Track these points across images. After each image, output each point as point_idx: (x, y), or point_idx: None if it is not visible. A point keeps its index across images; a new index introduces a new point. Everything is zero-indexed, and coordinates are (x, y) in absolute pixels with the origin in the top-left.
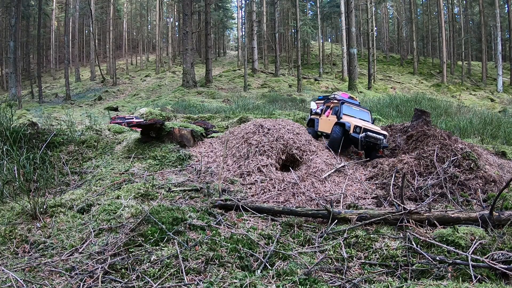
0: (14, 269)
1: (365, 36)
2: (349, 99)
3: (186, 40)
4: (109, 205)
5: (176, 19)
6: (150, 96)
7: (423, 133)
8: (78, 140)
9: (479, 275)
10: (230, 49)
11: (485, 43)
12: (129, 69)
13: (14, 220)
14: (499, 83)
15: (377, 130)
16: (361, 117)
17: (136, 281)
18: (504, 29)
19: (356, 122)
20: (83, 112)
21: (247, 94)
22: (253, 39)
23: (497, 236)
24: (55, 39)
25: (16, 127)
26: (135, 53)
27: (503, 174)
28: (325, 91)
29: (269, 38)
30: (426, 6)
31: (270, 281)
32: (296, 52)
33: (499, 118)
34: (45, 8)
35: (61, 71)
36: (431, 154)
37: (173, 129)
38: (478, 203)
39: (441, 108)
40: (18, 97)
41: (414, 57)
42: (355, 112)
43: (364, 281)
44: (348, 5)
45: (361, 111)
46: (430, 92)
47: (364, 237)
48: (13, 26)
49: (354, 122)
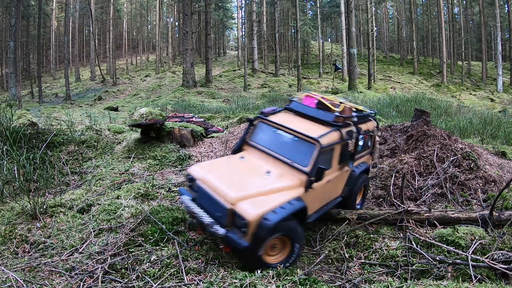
0: (14, 269)
1: (365, 36)
2: (304, 107)
3: (186, 40)
4: (109, 205)
5: (176, 19)
6: (150, 96)
7: (423, 133)
8: (78, 140)
9: (479, 275)
10: (230, 49)
11: (485, 43)
12: (129, 69)
13: (14, 220)
14: (499, 83)
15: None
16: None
17: (136, 281)
18: (504, 29)
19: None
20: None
21: (247, 94)
22: (253, 39)
23: (497, 236)
24: (55, 39)
25: (16, 127)
26: (135, 53)
27: (503, 174)
28: (325, 91)
29: (269, 38)
30: (426, 6)
31: (270, 281)
32: (296, 52)
33: (499, 118)
34: (45, 8)
35: (61, 71)
36: (431, 154)
37: (173, 129)
38: (478, 203)
39: (441, 108)
40: (18, 97)
41: (414, 57)
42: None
43: (364, 281)
44: (348, 5)
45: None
46: (430, 92)
47: (364, 237)
48: (13, 26)
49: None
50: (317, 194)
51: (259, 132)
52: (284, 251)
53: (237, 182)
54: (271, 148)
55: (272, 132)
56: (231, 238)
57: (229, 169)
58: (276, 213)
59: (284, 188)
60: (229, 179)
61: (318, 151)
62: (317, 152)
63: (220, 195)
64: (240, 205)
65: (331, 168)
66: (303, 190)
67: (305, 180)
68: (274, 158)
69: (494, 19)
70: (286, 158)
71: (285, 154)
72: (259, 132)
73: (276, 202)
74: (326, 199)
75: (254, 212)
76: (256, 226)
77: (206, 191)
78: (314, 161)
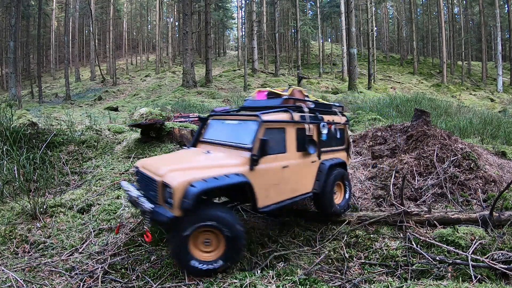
0: (14, 269)
1: (365, 36)
2: (255, 102)
3: (186, 40)
4: (109, 205)
5: (176, 19)
6: (150, 96)
7: (423, 133)
8: (78, 140)
9: (479, 275)
10: (230, 49)
11: (485, 43)
12: (129, 69)
13: (14, 220)
14: (499, 83)
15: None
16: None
17: (136, 281)
18: (504, 29)
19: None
20: (83, 112)
21: (247, 94)
22: (253, 39)
23: (497, 236)
24: (55, 39)
25: (16, 127)
26: (135, 53)
27: (503, 174)
28: (325, 91)
29: (269, 38)
30: (426, 6)
31: (270, 281)
32: (296, 52)
33: (499, 118)
34: (45, 8)
35: (61, 71)
36: (431, 154)
37: (173, 129)
38: (478, 203)
39: (441, 108)
40: (18, 97)
41: (414, 57)
42: (224, 135)
43: (364, 281)
44: (348, 5)
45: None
46: (430, 92)
47: (364, 237)
48: (13, 26)
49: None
50: (271, 178)
51: (209, 129)
52: (218, 250)
53: (173, 162)
54: (220, 139)
55: (220, 124)
56: (157, 212)
57: (171, 156)
58: (206, 181)
59: (224, 165)
60: (167, 161)
61: (260, 127)
62: (259, 128)
63: (153, 172)
64: (169, 174)
65: (286, 152)
66: (247, 168)
67: (249, 157)
68: (222, 145)
69: (494, 19)
70: (233, 142)
71: (232, 140)
72: (209, 128)
73: (210, 173)
74: (288, 190)
75: (180, 179)
76: (182, 194)
77: (144, 173)
78: (257, 137)
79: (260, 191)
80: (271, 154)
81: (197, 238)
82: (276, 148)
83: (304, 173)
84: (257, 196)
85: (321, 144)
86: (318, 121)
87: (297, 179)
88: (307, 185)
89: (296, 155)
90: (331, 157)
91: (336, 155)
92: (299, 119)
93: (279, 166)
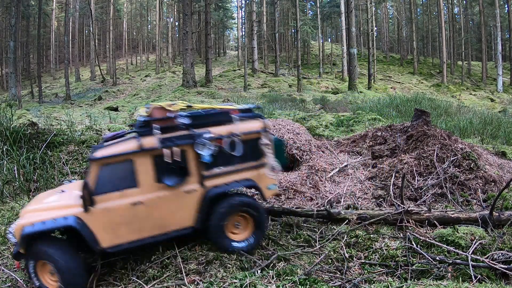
0: (14, 269)
1: (365, 36)
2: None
3: (186, 40)
4: None
5: (176, 19)
6: (150, 96)
7: (423, 133)
8: (78, 140)
9: (479, 275)
10: (230, 49)
11: (485, 43)
12: (129, 69)
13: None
14: (499, 83)
15: None
16: None
17: (136, 281)
18: (504, 29)
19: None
20: (83, 112)
21: (247, 94)
22: (253, 39)
23: (497, 236)
24: (55, 39)
25: (16, 127)
26: (135, 53)
27: (503, 174)
28: (325, 91)
29: (269, 38)
30: (426, 6)
31: (270, 281)
32: (296, 52)
33: (499, 118)
34: (45, 8)
35: (61, 71)
36: (431, 154)
37: None
38: (478, 203)
39: (441, 108)
40: (18, 97)
41: (414, 57)
42: None
43: (364, 281)
44: (348, 5)
45: None
46: (430, 92)
47: (364, 237)
48: (13, 26)
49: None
50: (117, 217)
51: None
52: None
53: (34, 202)
54: None
55: None
56: (15, 246)
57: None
58: (33, 226)
59: (64, 206)
60: (35, 200)
61: (93, 167)
62: (92, 168)
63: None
64: (21, 216)
65: (137, 186)
66: (81, 210)
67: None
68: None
69: (494, 19)
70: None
71: None
72: None
73: (42, 217)
74: (149, 227)
75: (18, 222)
76: (19, 236)
77: None
78: (90, 179)
79: (102, 232)
80: (113, 191)
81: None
82: (121, 183)
83: (175, 206)
84: (98, 237)
85: (204, 166)
86: (190, 140)
87: (162, 214)
88: (183, 219)
89: (156, 187)
90: (228, 180)
91: (239, 176)
92: (153, 145)
93: (127, 203)
